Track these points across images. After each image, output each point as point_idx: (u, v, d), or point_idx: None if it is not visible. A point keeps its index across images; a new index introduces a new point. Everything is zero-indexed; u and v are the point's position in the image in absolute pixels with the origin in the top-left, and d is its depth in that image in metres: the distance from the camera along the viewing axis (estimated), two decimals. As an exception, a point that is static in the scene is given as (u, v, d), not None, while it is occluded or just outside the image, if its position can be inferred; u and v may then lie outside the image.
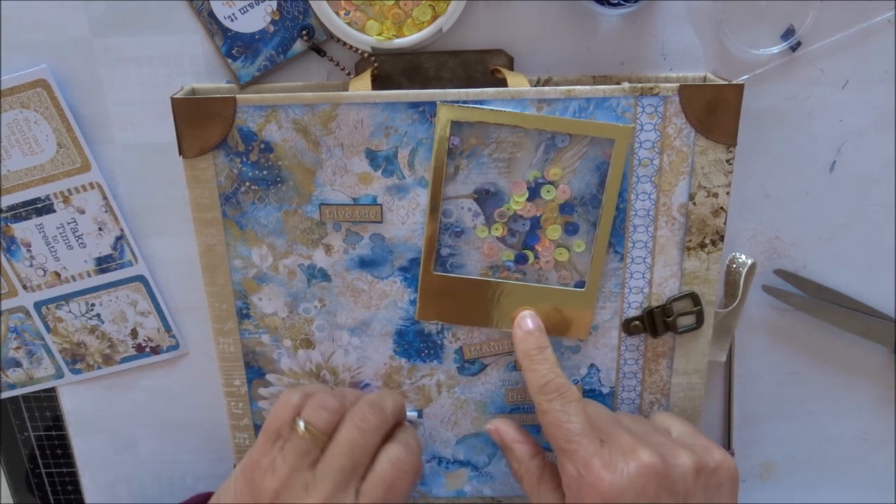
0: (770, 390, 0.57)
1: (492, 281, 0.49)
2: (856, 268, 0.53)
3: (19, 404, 0.58)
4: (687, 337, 0.50)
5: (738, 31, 0.47)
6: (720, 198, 0.47)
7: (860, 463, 0.59)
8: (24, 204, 0.51)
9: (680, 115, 0.45)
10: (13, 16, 0.47)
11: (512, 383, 0.52)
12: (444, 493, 0.55)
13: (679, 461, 0.43)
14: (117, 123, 0.50)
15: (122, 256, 0.53)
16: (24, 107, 0.49)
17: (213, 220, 0.48)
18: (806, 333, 0.55)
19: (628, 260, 0.48)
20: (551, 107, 0.45)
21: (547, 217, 0.48)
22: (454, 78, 0.48)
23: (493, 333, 0.50)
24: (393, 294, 0.50)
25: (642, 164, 0.46)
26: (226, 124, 0.46)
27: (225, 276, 0.49)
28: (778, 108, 0.49)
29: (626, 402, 0.52)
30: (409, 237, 0.48)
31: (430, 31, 0.46)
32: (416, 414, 0.52)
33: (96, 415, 0.58)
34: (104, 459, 0.59)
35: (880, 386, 0.56)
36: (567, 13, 0.47)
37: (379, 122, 0.46)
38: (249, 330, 0.51)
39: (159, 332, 0.55)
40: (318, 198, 0.47)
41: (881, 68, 0.48)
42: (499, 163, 0.46)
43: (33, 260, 0.53)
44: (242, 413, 0.53)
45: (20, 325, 0.55)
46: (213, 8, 0.47)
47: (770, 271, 0.53)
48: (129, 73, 0.49)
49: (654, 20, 0.47)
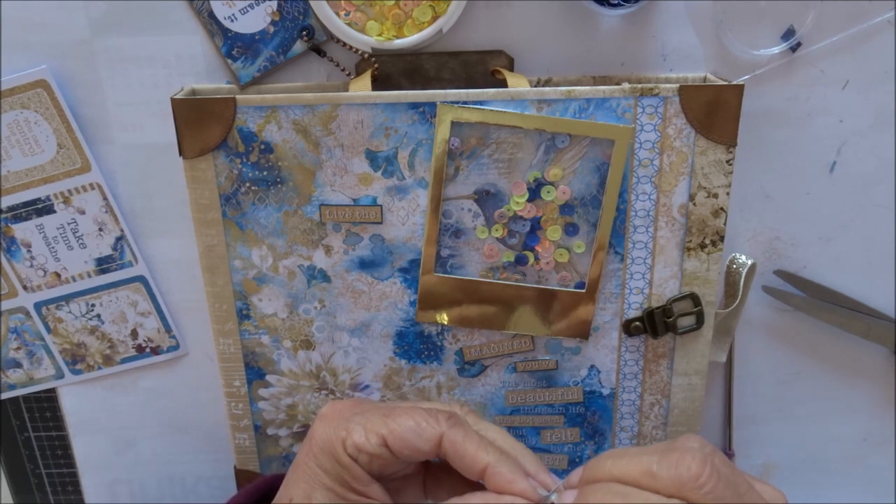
0: (770, 390, 0.57)
1: (492, 282, 0.49)
2: (856, 268, 0.53)
3: (19, 405, 0.58)
4: (687, 337, 0.50)
5: (738, 31, 0.47)
6: (720, 198, 0.47)
7: (860, 463, 0.59)
8: (24, 204, 0.51)
9: (680, 115, 0.45)
10: (13, 16, 0.47)
11: (512, 385, 0.52)
12: (445, 494, 0.55)
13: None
14: (117, 124, 0.50)
15: (122, 257, 0.53)
16: (25, 107, 0.49)
17: (213, 221, 0.48)
18: (806, 333, 0.55)
19: (628, 260, 0.48)
20: (551, 107, 0.45)
21: (547, 218, 0.48)
22: (454, 79, 0.48)
23: (494, 335, 0.50)
24: (393, 295, 0.50)
25: (642, 165, 0.46)
26: (226, 125, 0.46)
27: (225, 277, 0.49)
28: (778, 109, 0.49)
29: (626, 403, 0.52)
30: (409, 238, 0.48)
31: (430, 32, 0.46)
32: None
33: (96, 415, 0.58)
34: (104, 459, 0.59)
35: (880, 386, 0.56)
36: (567, 13, 0.47)
37: (379, 123, 0.46)
38: (249, 330, 0.51)
39: (159, 333, 0.55)
40: (318, 198, 0.47)
41: (881, 68, 0.48)
42: (499, 163, 0.46)
43: (33, 260, 0.53)
44: (242, 413, 0.53)
45: (20, 325, 0.55)
46: (213, 8, 0.47)
47: (770, 271, 0.53)
48: (130, 73, 0.49)
49: (654, 20, 0.47)
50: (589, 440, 0.53)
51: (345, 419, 0.41)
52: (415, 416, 0.40)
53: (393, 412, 0.41)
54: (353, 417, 0.41)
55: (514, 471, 0.39)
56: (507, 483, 0.38)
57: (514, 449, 0.41)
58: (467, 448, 0.39)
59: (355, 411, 0.42)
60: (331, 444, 0.41)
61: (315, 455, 0.41)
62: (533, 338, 0.50)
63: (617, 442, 0.53)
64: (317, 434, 0.42)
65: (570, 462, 0.54)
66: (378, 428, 0.40)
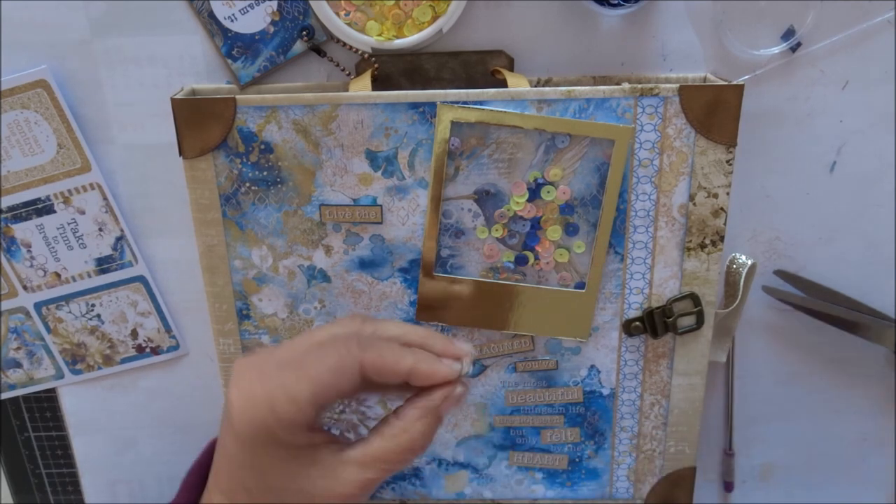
0: (770, 390, 0.57)
1: (492, 282, 0.49)
2: (856, 268, 0.53)
3: (19, 405, 0.58)
4: (687, 337, 0.50)
5: (738, 31, 0.47)
6: (720, 198, 0.47)
7: (860, 463, 0.59)
8: (24, 204, 0.51)
9: (680, 115, 0.45)
10: (13, 16, 0.47)
11: (512, 385, 0.52)
12: (444, 496, 0.55)
13: None
14: (117, 124, 0.50)
15: (122, 257, 0.53)
16: (25, 107, 0.49)
17: (214, 221, 0.48)
18: (806, 333, 0.55)
19: (628, 260, 0.48)
20: (551, 107, 0.45)
21: (547, 218, 0.48)
22: (454, 79, 0.48)
23: (493, 335, 0.50)
24: (393, 295, 0.50)
25: (642, 165, 0.46)
26: (226, 125, 0.46)
27: (225, 277, 0.49)
28: (778, 109, 0.49)
29: (626, 403, 0.52)
30: (409, 238, 0.48)
31: (430, 32, 0.46)
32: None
33: (96, 415, 0.58)
34: (104, 459, 0.59)
35: (880, 386, 0.56)
36: (567, 13, 0.47)
37: (379, 123, 0.46)
38: (249, 330, 0.51)
39: (159, 333, 0.55)
40: (318, 198, 0.47)
41: (881, 68, 0.48)
42: (499, 163, 0.46)
43: (33, 260, 0.53)
44: (242, 413, 0.53)
45: (20, 325, 0.55)
46: (213, 8, 0.47)
47: (770, 272, 0.53)
48: (130, 73, 0.49)
49: (654, 20, 0.47)
50: (589, 440, 0.53)
51: (261, 395, 0.39)
52: (326, 358, 0.39)
53: (303, 362, 0.40)
54: (269, 390, 0.39)
55: (430, 362, 0.40)
56: (429, 377, 0.40)
57: (419, 337, 0.42)
58: (385, 363, 0.40)
59: (263, 377, 0.40)
60: (259, 430, 0.39)
61: (244, 445, 0.40)
62: (533, 338, 0.50)
63: (617, 442, 0.53)
64: (239, 421, 0.39)
65: (570, 462, 0.54)
66: (302, 391, 0.39)
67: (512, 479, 0.54)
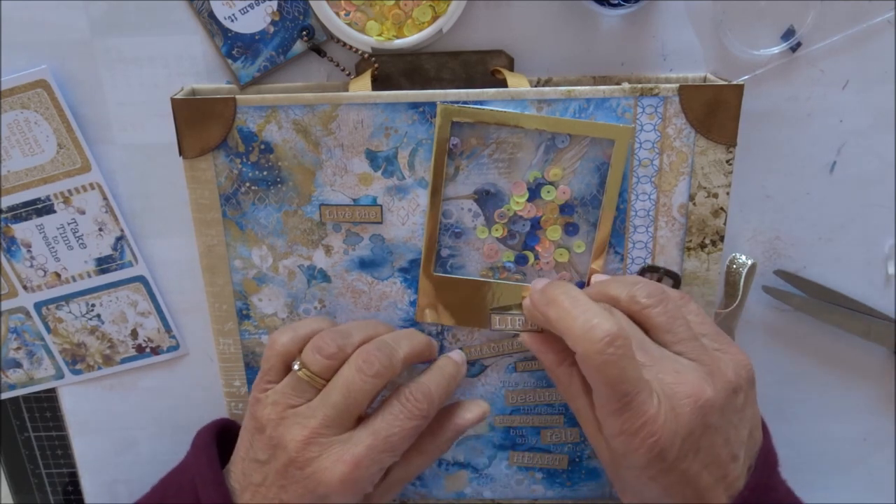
0: (770, 390, 0.57)
1: (492, 282, 0.49)
2: (856, 268, 0.53)
3: (19, 405, 0.58)
4: (687, 337, 0.50)
5: (738, 31, 0.47)
6: (720, 198, 0.47)
7: (860, 463, 0.59)
8: (24, 204, 0.51)
9: (680, 115, 0.45)
10: (13, 16, 0.47)
11: (512, 385, 0.52)
12: (444, 496, 0.55)
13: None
14: (117, 124, 0.50)
15: (122, 257, 0.53)
16: (25, 107, 0.49)
17: (214, 221, 0.48)
18: (806, 334, 0.55)
19: (628, 260, 0.48)
20: (551, 107, 0.45)
21: (547, 218, 0.48)
22: (454, 79, 0.48)
23: (494, 335, 0.50)
24: (393, 295, 0.50)
25: (642, 165, 0.46)
26: (226, 125, 0.46)
27: (225, 277, 0.49)
28: (778, 109, 0.49)
29: (626, 403, 0.52)
30: (409, 238, 0.48)
31: (430, 32, 0.46)
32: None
33: (96, 415, 0.58)
34: (104, 460, 0.59)
35: (880, 386, 0.56)
36: (567, 13, 0.47)
37: (379, 123, 0.46)
38: (249, 330, 0.51)
39: (159, 333, 0.55)
40: (318, 198, 0.47)
41: (881, 68, 0.48)
42: (499, 163, 0.46)
43: (33, 260, 0.53)
44: (242, 413, 0.53)
45: (20, 325, 0.55)
46: (213, 8, 0.47)
47: (770, 272, 0.53)
48: (130, 73, 0.49)
49: (654, 20, 0.47)
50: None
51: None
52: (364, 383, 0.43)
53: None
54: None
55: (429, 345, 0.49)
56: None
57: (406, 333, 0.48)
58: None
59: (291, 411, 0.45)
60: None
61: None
62: (533, 338, 0.50)
63: (617, 442, 0.53)
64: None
65: (570, 462, 0.54)
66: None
67: (512, 479, 0.54)
